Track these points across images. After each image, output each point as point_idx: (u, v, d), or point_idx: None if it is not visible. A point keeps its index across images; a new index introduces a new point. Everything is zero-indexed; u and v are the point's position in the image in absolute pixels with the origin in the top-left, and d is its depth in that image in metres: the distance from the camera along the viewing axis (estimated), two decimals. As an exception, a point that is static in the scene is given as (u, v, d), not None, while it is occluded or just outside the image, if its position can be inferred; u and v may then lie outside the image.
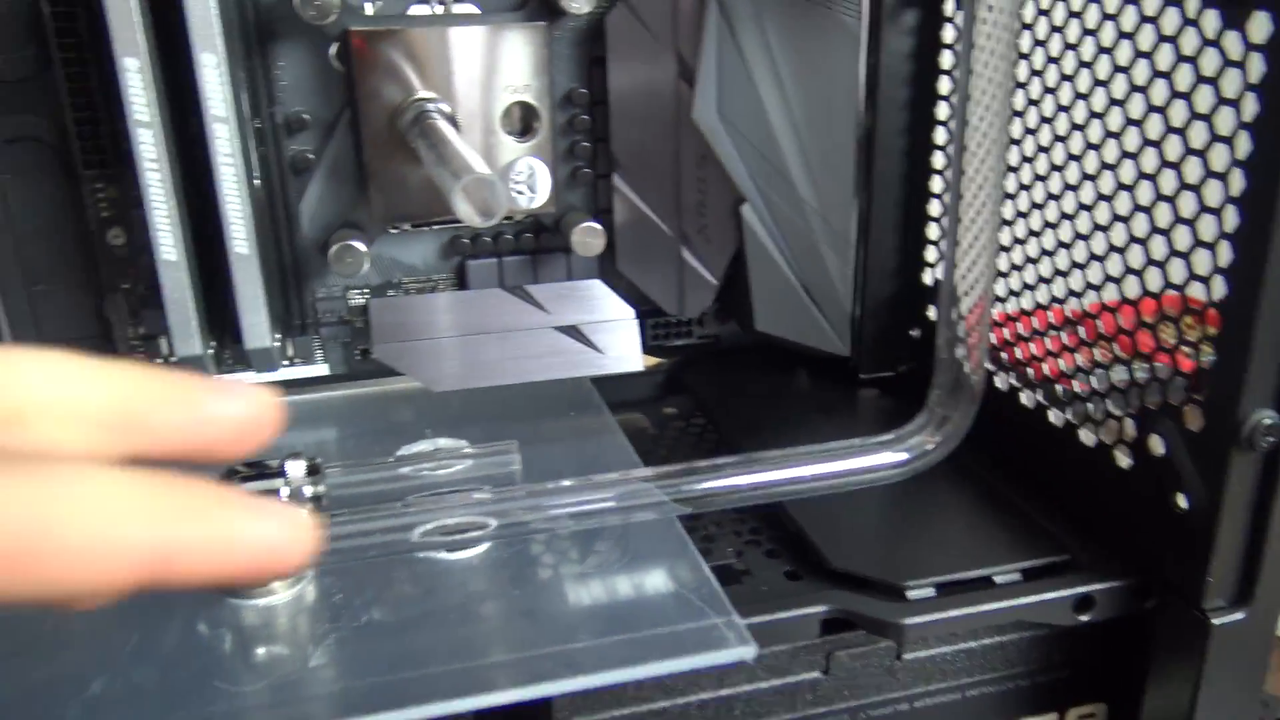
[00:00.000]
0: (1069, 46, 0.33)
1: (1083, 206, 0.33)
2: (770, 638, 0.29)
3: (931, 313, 0.43)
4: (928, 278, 0.43)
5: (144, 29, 0.32)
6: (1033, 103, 0.35)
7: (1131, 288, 0.32)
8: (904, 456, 0.32)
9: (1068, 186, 0.34)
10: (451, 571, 0.31)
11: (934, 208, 0.42)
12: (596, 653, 0.27)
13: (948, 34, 0.39)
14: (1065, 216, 0.34)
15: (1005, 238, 0.37)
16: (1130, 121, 0.31)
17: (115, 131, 0.35)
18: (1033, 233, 0.36)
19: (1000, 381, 0.38)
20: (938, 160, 0.41)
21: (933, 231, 0.42)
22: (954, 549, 0.33)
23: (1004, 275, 0.38)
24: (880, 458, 0.32)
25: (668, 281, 0.44)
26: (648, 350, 0.45)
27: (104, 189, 0.37)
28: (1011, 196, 0.36)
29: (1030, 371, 0.37)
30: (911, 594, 0.31)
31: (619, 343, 0.41)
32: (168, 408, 0.19)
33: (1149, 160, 0.30)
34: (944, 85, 0.40)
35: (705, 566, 0.31)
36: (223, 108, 0.34)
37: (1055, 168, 0.34)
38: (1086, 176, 0.33)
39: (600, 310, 0.42)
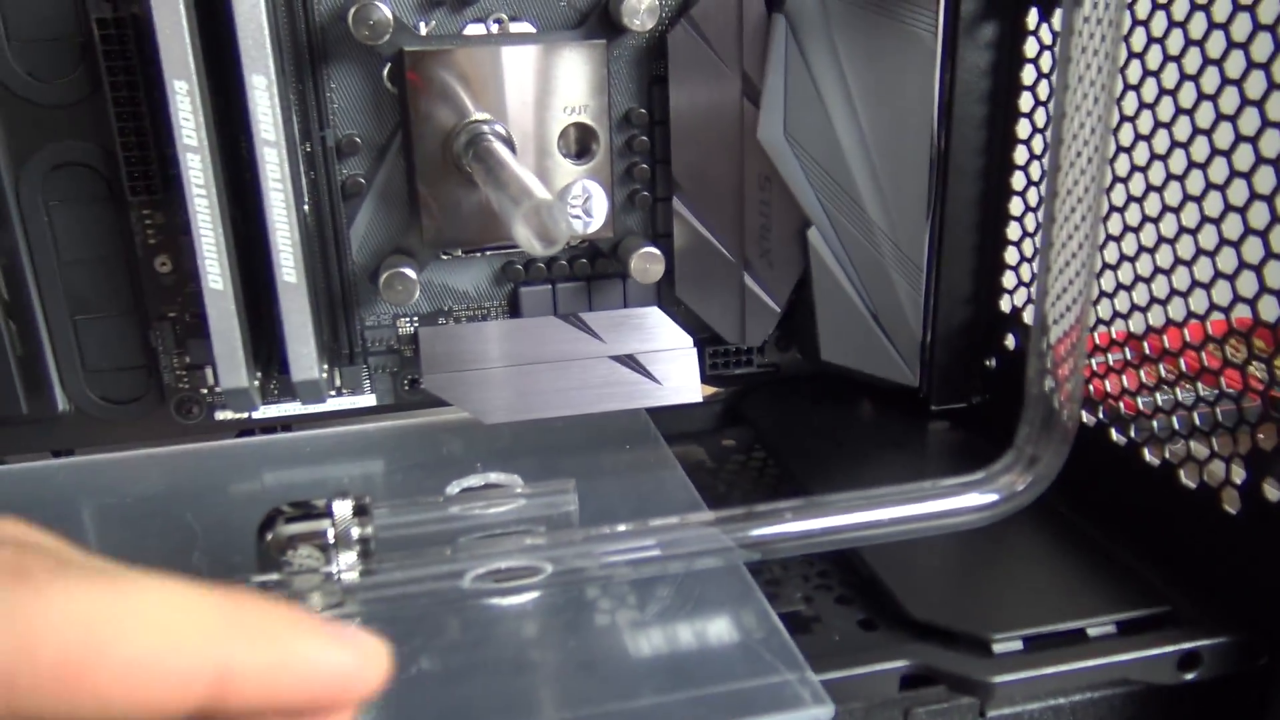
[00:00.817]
0: (1170, 58, 0.31)
1: (1185, 229, 0.31)
2: (844, 694, 0.28)
3: (1009, 341, 0.40)
4: (1005, 304, 0.41)
5: (194, 51, 0.32)
6: (1127, 118, 0.33)
7: (1241, 316, 0.29)
8: (993, 498, 0.30)
9: (1167, 208, 0.32)
10: (504, 618, 0.30)
11: (1013, 231, 0.40)
12: (660, 712, 0.26)
13: (1030, 48, 0.37)
14: (1164, 240, 0.32)
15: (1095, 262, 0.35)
16: (1241, 138, 0.28)
17: (164, 156, 0.35)
18: (1126, 257, 0.34)
19: (1087, 416, 0.35)
20: (1017, 181, 0.39)
21: (1010, 256, 0.40)
22: (1042, 598, 0.31)
23: (1094, 303, 0.35)
24: (966, 500, 0.30)
25: (728, 308, 0.43)
26: (706, 379, 0.44)
27: (151, 215, 0.36)
28: (1103, 218, 0.34)
29: (1122, 406, 0.34)
30: (998, 648, 0.29)
31: (677, 373, 0.40)
32: (253, 647, 0.17)
33: (1264, 180, 0.28)
34: (1025, 102, 0.38)
35: (773, 615, 0.29)
36: (273, 131, 0.33)
37: (1153, 187, 0.32)
38: (1189, 197, 0.30)
39: (658, 339, 0.40)
